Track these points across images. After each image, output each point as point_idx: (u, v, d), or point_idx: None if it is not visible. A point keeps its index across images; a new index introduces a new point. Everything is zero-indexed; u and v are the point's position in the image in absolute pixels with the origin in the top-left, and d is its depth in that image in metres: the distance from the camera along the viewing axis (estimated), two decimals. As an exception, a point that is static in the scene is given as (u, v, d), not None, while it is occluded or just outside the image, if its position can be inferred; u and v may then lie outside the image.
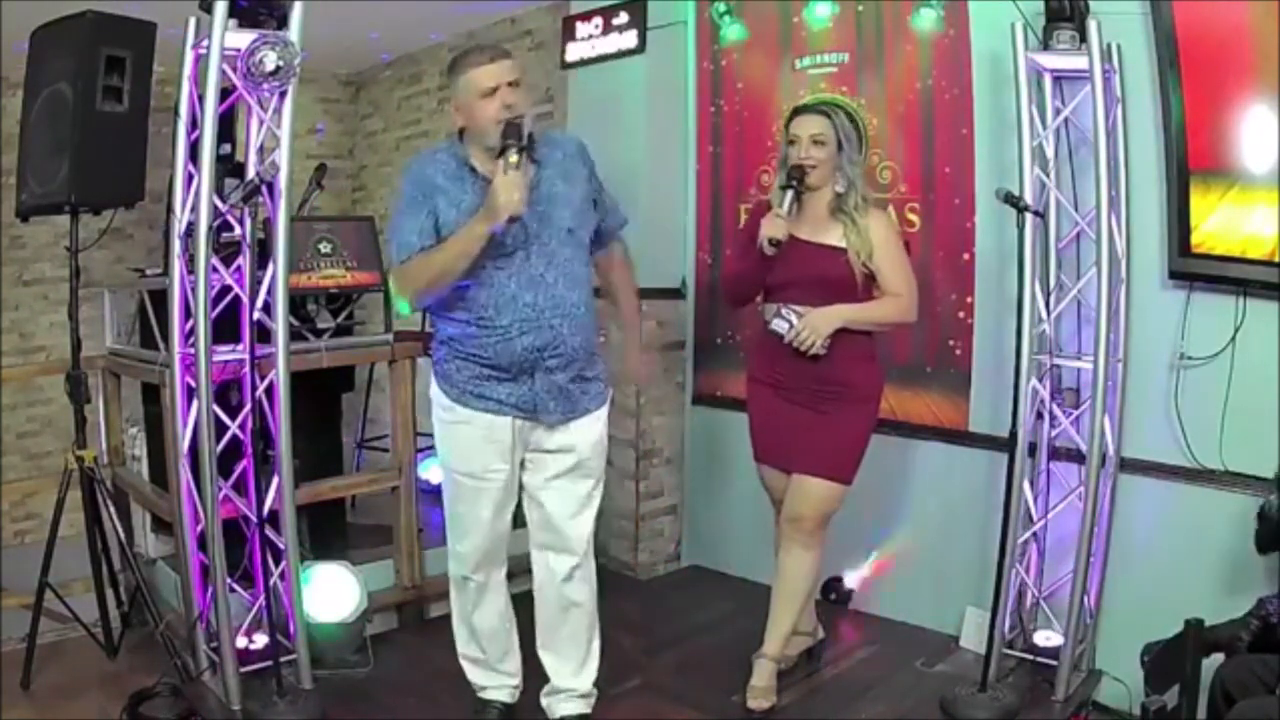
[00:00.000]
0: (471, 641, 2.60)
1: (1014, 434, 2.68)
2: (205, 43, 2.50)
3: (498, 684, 2.62)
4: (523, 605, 2.61)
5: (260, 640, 2.74)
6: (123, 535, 3.07)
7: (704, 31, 3.90)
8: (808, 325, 2.60)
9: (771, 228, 2.60)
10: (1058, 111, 2.85)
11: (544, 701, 2.62)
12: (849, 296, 2.64)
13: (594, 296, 2.45)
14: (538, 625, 2.58)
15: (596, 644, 2.60)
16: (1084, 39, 2.70)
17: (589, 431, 2.46)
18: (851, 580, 3.53)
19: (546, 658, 2.59)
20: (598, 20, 3.94)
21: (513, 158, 2.17)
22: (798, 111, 2.74)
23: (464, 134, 2.36)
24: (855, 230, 2.64)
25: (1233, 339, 2.67)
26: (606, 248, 2.56)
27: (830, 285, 2.63)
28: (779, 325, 2.62)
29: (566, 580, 2.49)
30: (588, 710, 2.60)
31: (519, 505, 2.52)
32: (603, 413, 2.50)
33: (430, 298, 2.38)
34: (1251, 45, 2.53)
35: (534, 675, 2.64)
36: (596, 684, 2.61)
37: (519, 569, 2.64)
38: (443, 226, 2.29)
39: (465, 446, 2.42)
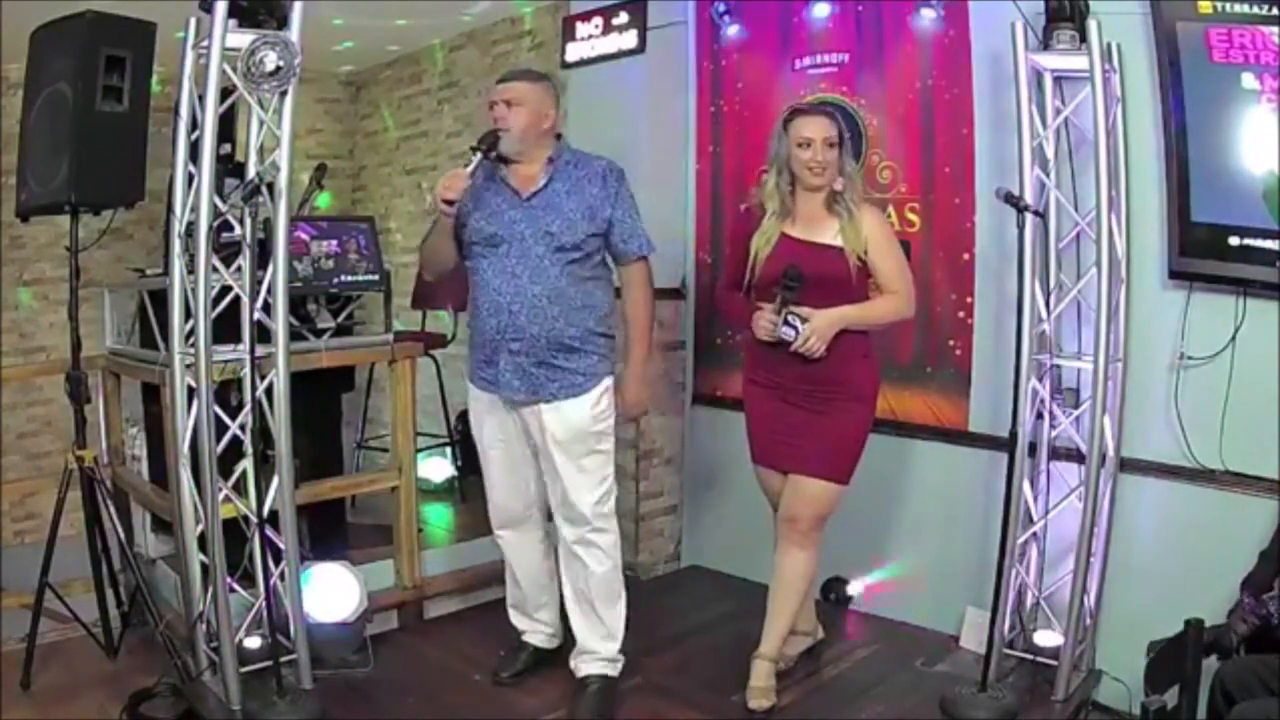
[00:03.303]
0: (514, 587, 2.99)
1: (1014, 434, 2.68)
2: (205, 43, 2.50)
3: (533, 629, 3.00)
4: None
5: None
6: (123, 535, 3.06)
7: (704, 31, 3.90)
8: (814, 331, 2.59)
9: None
10: (1058, 111, 2.85)
11: (572, 663, 2.85)
12: (846, 294, 2.63)
13: (586, 298, 2.66)
14: (563, 587, 2.84)
15: (621, 611, 2.80)
16: (1084, 39, 2.69)
17: (568, 415, 2.68)
18: (852, 581, 3.53)
19: (573, 620, 2.83)
20: (598, 20, 3.93)
21: (471, 156, 2.57)
22: (798, 112, 2.71)
23: None
24: (850, 225, 2.64)
25: (1233, 339, 2.67)
26: (623, 268, 2.76)
27: (827, 283, 2.62)
28: (786, 333, 2.60)
29: (577, 545, 2.74)
30: (611, 672, 2.80)
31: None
32: (581, 401, 2.67)
33: (430, 269, 2.88)
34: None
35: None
36: (623, 651, 2.82)
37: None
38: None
39: (474, 419, 2.87)
